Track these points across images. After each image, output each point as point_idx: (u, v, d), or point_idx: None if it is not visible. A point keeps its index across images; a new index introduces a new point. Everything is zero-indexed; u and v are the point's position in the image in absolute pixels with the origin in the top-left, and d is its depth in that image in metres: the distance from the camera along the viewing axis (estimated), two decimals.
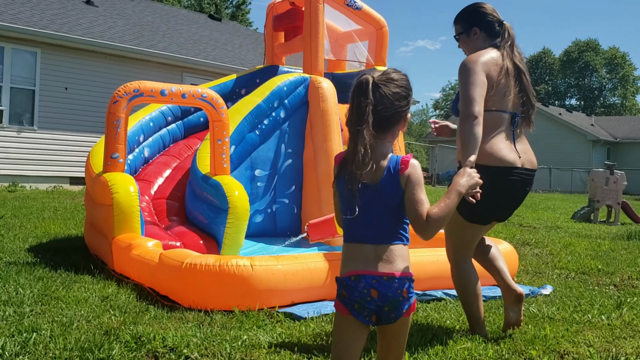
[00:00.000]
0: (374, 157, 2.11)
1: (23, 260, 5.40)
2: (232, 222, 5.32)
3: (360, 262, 2.10)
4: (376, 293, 2.07)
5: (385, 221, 2.14)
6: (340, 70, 8.49)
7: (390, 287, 2.08)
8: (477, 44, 3.54)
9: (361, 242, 2.13)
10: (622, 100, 64.42)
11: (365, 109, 2.08)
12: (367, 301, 2.07)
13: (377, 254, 2.10)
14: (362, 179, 2.11)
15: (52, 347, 3.09)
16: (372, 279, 2.07)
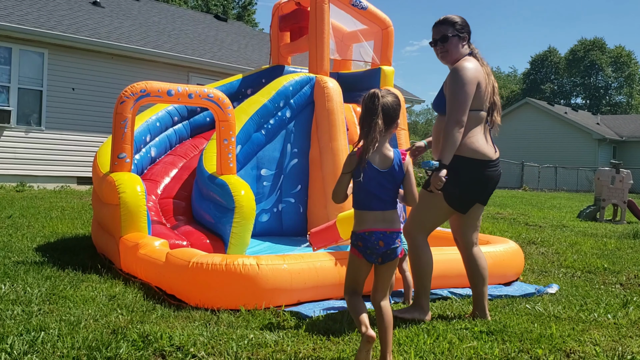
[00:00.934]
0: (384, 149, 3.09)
1: (31, 260, 5.43)
2: (239, 221, 5.34)
3: (372, 222, 3.06)
4: (382, 243, 3.04)
5: (389, 195, 3.10)
6: (346, 70, 8.49)
7: (391, 238, 3.05)
8: (460, 50, 3.88)
9: (372, 209, 3.08)
10: (628, 99, 64.13)
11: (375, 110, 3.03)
12: (377, 248, 3.05)
13: (383, 217, 3.07)
14: (376, 166, 3.06)
15: (60, 345, 3.11)
16: (380, 234, 3.04)
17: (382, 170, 3.07)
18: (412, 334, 3.59)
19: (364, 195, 3.10)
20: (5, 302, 3.89)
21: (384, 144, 3.10)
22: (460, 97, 3.62)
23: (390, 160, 3.09)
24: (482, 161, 3.77)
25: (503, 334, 3.66)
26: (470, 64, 3.73)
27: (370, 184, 3.07)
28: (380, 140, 3.06)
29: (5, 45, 13.76)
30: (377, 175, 3.07)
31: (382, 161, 3.08)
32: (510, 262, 5.43)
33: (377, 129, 3.00)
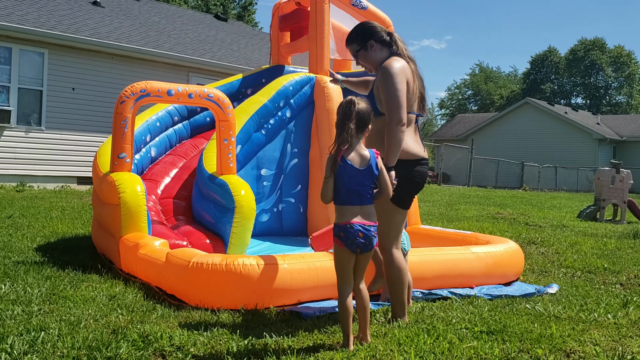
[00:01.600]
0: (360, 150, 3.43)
1: (31, 260, 5.43)
2: (239, 221, 5.34)
3: (351, 215, 3.38)
4: (362, 234, 3.36)
5: (367, 191, 3.42)
6: (346, 70, 8.49)
7: (369, 231, 3.39)
8: (376, 55, 3.95)
9: (352, 204, 3.40)
10: (628, 98, 64.12)
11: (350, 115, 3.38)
12: (357, 239, 3.36)
13: (361, 211, 3.40)
14: (355, 165, 3.38)
15: (60, 345, 3.11)
16: (360, 226, 3.36)
17: (361, 169, 3.40)
18: (412, 334, 3.59)
19: (344, 192, 3.42)
20: (6, 302, 3.89)
21: (358, 145, 3.44)
22: (394, 96, 3.69)
23: (367, 159, 3.42)
24: (414, 160, 3.89)
25: (503, 334, 3.66)
26: (397, 63, 3.78)
27: (350, 181, 3.40)
28: (353, 142, 3.40)
29: (6, 45, 13.77)
30: (356, 173, 3.40)
31: (361, 161, 3.41)
32: (510, 262, 5.43)
33: (349, 131, 3.35)
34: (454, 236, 6.38)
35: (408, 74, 3.78)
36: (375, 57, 3.96)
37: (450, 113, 69.21)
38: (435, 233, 6.77)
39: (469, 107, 70.11)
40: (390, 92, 3.71)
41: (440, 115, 72.98)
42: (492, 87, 68.78)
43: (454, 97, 72.90)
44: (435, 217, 11.47)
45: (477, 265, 5.16)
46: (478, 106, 68.94)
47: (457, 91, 73.06)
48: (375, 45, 3.95)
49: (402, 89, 3.70)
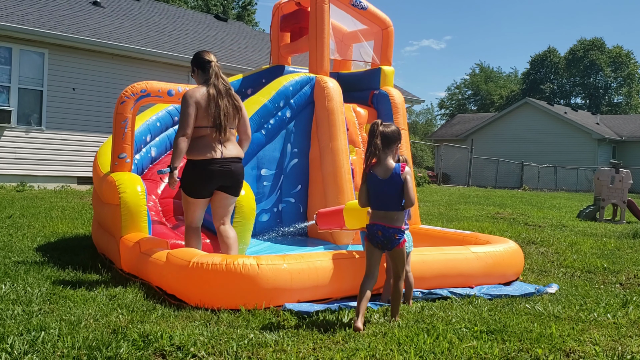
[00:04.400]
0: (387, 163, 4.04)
1: (31, 260, 5.44)
2: (239, 221, 5.35)
3: (375, 218, 4.04)
4: (380, 233, 3.99)
5: (389, 198, 4.01)
6: (346, 70, 8.50)
7: (388, 232, 3.97)
8: (198, 80, 4.91)
9: (376, 209, 4.06)
10: (627, 98, 64.11)
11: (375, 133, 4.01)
12: (376, 236, 4.01)
13: (384, 215, 4.01)
14: (379, 176, 4.01)
15: (60, 345, 3.12)
16: (379, 227, 3.99)
17: (383, 179, 4.00)
18: (412, 333, 3.60)
19: (372, 198, 4.09)
20: (6, 302, 3.89)
21: (386, 159, 4.03)
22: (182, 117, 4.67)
23: (390, 171, 4.00)
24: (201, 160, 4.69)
25: (503, 334, 3.67)
26: (192, 91, 4.73)
27: (375, 189, 4.04)
28: (381, 157, 4.03)
29: (6, 45, 13.77)
30: (380, 183, 4.01)
31: (384, 172, 4.01)
32: (510, 262, 5.44)
33: (376, 147, 3.98)
34: (454, 236, 6.38)
35: (200, 99, 4.69)
36: (198, 80, 4.91)
37: (450, 113, 69.16)
38: (435, 233, 6.78)
39: (468, 107, 70.08)
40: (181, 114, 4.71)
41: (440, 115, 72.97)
42: (492, 87, 68.76)
43: (454, 97, 72.85)
44: (435, 217, 11.47)
45: (477, 265, 5.17)
46: (478, 106, 68.92)
47: (457, 91, 73.00)
48: (197, 71, 4.91)
49: (189, 112, 4.65)
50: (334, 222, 5.01)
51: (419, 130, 62.38)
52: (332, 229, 5.15)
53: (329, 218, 5.06)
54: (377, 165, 4.03)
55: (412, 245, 4.61)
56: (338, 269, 4.41)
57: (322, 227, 5.13)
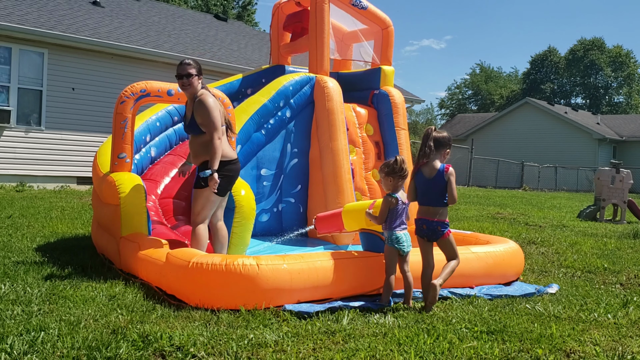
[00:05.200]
0: (434, 163, 4.51)
1: (31, 260, 5.43)
2: (239, 221, 5.34)
3: (420, 213, 4.54)
4: (425, 227, 4.50)
5: (434, 195, 4.48)
6: (346, 70, 8.50)
7: (431, 224, 4.48)
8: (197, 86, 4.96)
9: (421, 204, 4.55)
10: (627, 98, 64.10)
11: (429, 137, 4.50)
12: (422, 230, 4.52)
13: (428, 210, 4.51)
14: (425, 175, 4.50)
15: (60, 345, 3.11)
16: (424, 221, 4.50)
17: (429, 178, 4.47)
18: (412, 334, 3.59)
19: (418, 194, 4.58)
20: (5, 302, 3.89)
21: (434, 160, 4.50)
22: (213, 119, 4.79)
23: (435, 170, 4.47)
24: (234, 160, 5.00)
25: (503, 334, 3.67)
26: (210, 96, 4.90)
27: (420, 187, 4.55)
28: (431, 158, 4.50)
29: (5, 45, 13.76)
30: (425, 181, 4.50)
31: (430, 171, 4.49)
32: (510, 262, 5.43)
33: (430, 149, 4.48)
34: (454, 236, 6.36)
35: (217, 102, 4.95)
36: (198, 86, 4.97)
37: (450, 113, 69.15)
38: None
39: (469, 107, 70.08)
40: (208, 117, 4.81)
41: (440, 115, 72.95)
42: (492, 87, 68.76)
43: (454, 97, 72.83)
44: None
45: (477, 265, 5.16)
46: (478, 106, 68.91)
47: (457, 91, 72.99)
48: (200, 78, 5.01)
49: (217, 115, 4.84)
50: (333, 225, 5.02)
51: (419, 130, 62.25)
52: (331, 232, 5.17)
53: (327, 222, 5.07)
54: (425, 165, 4.49)
55: (410, 245, 4.60)
56: (338, 269, 4.40)
57: (322, 231, 5.14)
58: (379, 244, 4.67)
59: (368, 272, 4.58)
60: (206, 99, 4.85)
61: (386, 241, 4.55)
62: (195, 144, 4.97)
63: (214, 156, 4.72)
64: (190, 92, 4.98)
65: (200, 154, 4.93)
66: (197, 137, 4.95)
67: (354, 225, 4.88)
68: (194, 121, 4.91)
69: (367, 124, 7.47)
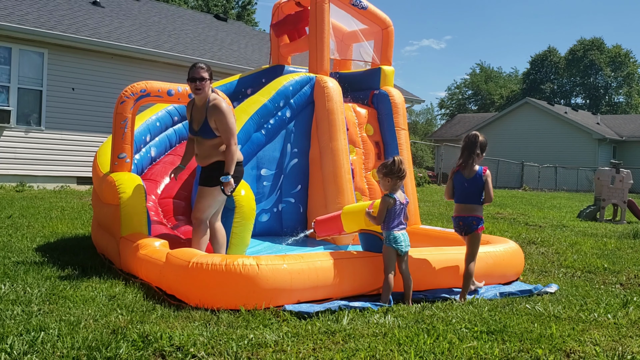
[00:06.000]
0: (473, 166, 4.87)
1: (31, 260, 5.43)
2: (239, 221, 5.34)
3: (457, 210, 4.90)
4: (461, 223, 4.85)
5: (471, 195, 4.84)
6: (346, 70, 8.49)
7: (467, 220, 4.82)
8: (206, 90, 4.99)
9: (458, 202, 4.90)
10: (627, 98, 64.10)
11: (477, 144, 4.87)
12: (459, 226, 4.89)
13: (465, 208, 4.86)
14: (465, 176, 4.84)
15: (60, 345, 3.11)
16: (460, 217, 4.86)
17: (468, 178, 4.83)
18: (412, 334, 3.59)
19: (456, 193, 4.92)
20: (5, 302, 3.89)
21: (474, 163, 4.84)
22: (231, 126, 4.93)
23: (474, 172, 4.84)
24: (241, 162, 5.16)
25: (503, 334, 3.67)
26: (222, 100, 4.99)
27: (459, 187, 4.88)
28: (474, 160, 4.84)
29: (5, 45, 13.76)
30: (464, 181, 4.85)
31: (469, 173, 4.84)
32: (510, 262, 5.44)
33: (476, 154, 4.82)
34: (454, 236, 6.36)
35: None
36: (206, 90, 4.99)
37: (450, 113, 69.13)
38: (435, 233, 6.77)
39: (469, 107, 70.06)
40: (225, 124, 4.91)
41: (440, 115, 72.91)
42: (492, 87, 68.75)
43: (454, 97, 72.81)
44: (435, 217, 11.46)
45: (477, 265, 5.15)
46: (478, 106, 68.90)
47: (457, 91, 72.99)
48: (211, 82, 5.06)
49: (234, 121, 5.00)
50: (333, 228, 5.03)
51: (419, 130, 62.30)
52: (331, 235, 5.17)
53: (327, 225, 5.07)
54: (464, 167, 4.84)
55: (408, 245, 4.61)
56: (338, 269, 4.40)
57: (321, 234, 5.14)
58: (378, 244, 4.67)
59: (368, 272, 4.59)
60: (221, 104, 4.92)
61: (384, 241, 4.55)
62: (206, 146, 5.01)
63: (231, 162, 4.87)
64: (202, 96, 5.01)
65: (211, 155, 4.99)
66: (208, 140, 4.99)
67: (353, 227, 4.89)
68: (208, 125, 4.94)
69: (367, 124, 7.48)
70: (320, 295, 4.35)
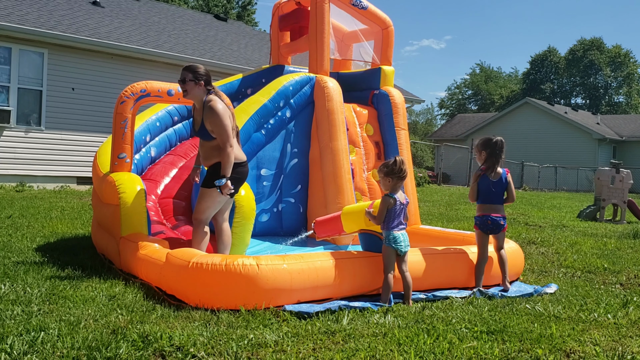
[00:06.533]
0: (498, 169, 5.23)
1: (31, 260, 5.43)
2: (239, 221, 5.34)
3: (486, 210, 5.14)
4: (490, 222, 5.10)
5: (496, 195, 5.16)
6: (346, 70, 8.49)
7: (495, 219, 5.11)
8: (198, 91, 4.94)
9: (487, 203, 5.16)
10: (627, 98, 64.11)
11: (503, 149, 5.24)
12: (486, 225, 5.12)
13: (491, 207, 5.14)
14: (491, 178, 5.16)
15: (60, 345, 3.11)
16: (489, 216, 5.11)
17: (493, 180, 5.15)
18: (412, 334, 3.59)
19: (481, 195, 5.20)
20: (5, 302, 3.89)
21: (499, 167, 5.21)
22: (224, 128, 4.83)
23: (499, 174, 5.20)
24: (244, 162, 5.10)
25: (503, 334, 3.66)
26: (218, 102, 4.91)
27: (484, 188, 5.17)
28: (500, 163, 5.21)
29: (5, 45, 13.76)
30: (490, 183, 5.15)
31: (495, 175, 5.18)
32: (510, 262, 5.43)
33: (501, 158, 5.19)
34: (454, 236, 6.38)
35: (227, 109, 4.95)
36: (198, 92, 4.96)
37: (450, 113, 69.14)
38: (435, 233, 6.77)
39: (468, 107, 70.07)
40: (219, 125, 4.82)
41: (440, 115, 72.93)
42: (492, 87, 68.76)
43: (454, 97, 72.83)
44: (435, 217, 11.46)
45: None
46: (478, 106, 68.91)
47: (457, 91, 73.00)
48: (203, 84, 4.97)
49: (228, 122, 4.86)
50: (333, 228, 5.03)
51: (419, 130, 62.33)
52: (331, 235, 5.17)
53: (327, 225, 5.08)
54: (489, 169, 5.17)
55: (408, 245, 4.61)
56: (338, 269, 4.40)
57: (321, 235, 5.15)
58: (378, 244, 4.67)
59: (368, 272, 4.58)
60: (215, 105, 4.87)
61: (384, 241, 4.55)
62: (206, 147, 5.02)
63: (226, 164, 4.82)
64: (193, 97, 5.00)
65: (212, 157, 4.99)
66: (207, 141, 5.00)
67: (353, 227, 4.89)
68: (204, 127, 4.93)
69: (367, 124, 7.47)
70: (320, 295, 4.34)
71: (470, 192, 5.23)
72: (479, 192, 5.20)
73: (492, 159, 5.20)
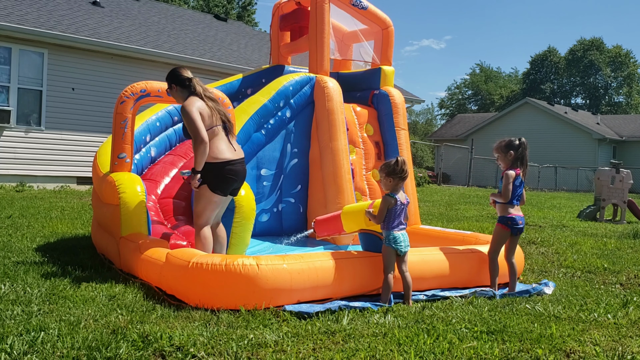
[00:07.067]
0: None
1: (31, 260, 5.43)
2: (239, 221, 5.34)
3: (519, 211, 5.13)
4: (521, 222, 5.08)
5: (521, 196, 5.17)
6: (346, 70, 8.49)
7: (523, 220, 5.12)
8: (179, 96, 5.08)
9: (518, 204, 5.15)
10: (627, 98, 64.11)
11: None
12: (518, 225, 5.07)
13: (520, 209, 5.15)
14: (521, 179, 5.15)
15: (60, 345, 3.11)
16: (521, 217, 5.10)
17: (523, 181, 5.19)
18: (412, 334, 3.59)
19: (515, 196, 5.10)
20: (5, 302, 3.89)
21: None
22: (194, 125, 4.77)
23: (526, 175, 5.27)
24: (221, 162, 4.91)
25: (503, 334, 3.66)
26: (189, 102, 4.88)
27: (516, 190, 5.11)
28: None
29: (5, 45, 13.77)
30: (520, 184, 5.15)
31: (523, 176, 5.19)
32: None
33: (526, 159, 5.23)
34: (454, 236, 6.38)
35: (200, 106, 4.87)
36: (178, 95, 5.09)
37: (450, 113, 69.12)
38: (435, 233, 6.77)
39: (468, 107, 70.06)
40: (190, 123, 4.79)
41: (440, 115, 72.90)
42: (492, 87, 68.76)
43: (454, 97, 72.81)
44: (435, 217, 11.46)
45: (477, 265, 5.16)
46: (478, 106, 68.90)
47: (457, 91, 72.99)
48: (175, 88, 5.07)
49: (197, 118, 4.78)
50: (333, 228, 5.03)
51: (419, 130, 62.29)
52: (331, 235, 5.18)
53: (327, 225, 5.08)
54: (525, 172, 5.21)
55: (408, 245, 4.60)
56: (338, 269, 4.40)
57: (321, 234, 5.15)
58: (378, 244, 4.67)
59: (368, 272, 4.58)
60: (186, 104, 4.87)
61: (384, 241, 4.55)
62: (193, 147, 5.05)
63: (195, 157, 4.79)
64: (177, 101, 5.15)
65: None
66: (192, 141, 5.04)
67: (353, 227, 4.89)
68: (185, 127, 4.98)
69: (367, 124, 7.48)
70: (320, 295, 4.34)
71: (505, 192, 5.10)
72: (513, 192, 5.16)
73: (523, 162, 5.20)
